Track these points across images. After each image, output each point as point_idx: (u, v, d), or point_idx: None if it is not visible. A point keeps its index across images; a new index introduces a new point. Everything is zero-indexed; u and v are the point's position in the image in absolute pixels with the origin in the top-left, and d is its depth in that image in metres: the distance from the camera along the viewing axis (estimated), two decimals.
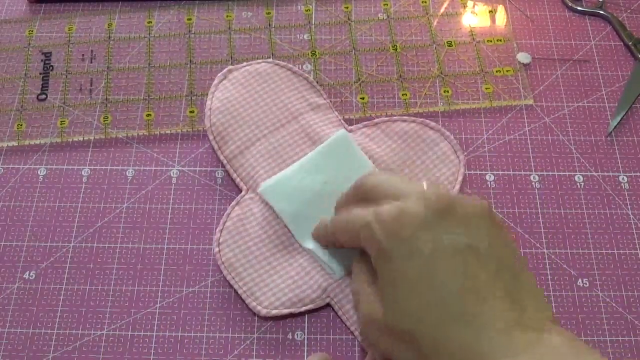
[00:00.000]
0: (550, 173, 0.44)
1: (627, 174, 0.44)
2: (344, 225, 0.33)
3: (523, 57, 0.48)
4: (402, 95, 0.47)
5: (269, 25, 0.50)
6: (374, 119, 0.45)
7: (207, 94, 0.45)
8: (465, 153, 0.44)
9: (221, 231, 0.40)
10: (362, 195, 0.33)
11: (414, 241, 0.29)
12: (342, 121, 0.44)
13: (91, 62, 0.48)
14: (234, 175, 0.42)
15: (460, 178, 0.42)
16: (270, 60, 0.45)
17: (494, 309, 0.27)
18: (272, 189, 0.40)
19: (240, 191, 0.42)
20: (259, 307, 0.37)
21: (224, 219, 0.40)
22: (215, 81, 0.44)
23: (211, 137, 0.42)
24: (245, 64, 0.45)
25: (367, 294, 0.32)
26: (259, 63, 0.45)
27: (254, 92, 0.44)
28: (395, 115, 0.45)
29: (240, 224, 0.40)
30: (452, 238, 0.28)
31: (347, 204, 0.35)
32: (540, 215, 0.42)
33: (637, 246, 0.41)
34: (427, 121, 0.43)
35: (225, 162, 0.42)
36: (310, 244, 0.39)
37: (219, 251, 0.39)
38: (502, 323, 0.27)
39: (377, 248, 0.30)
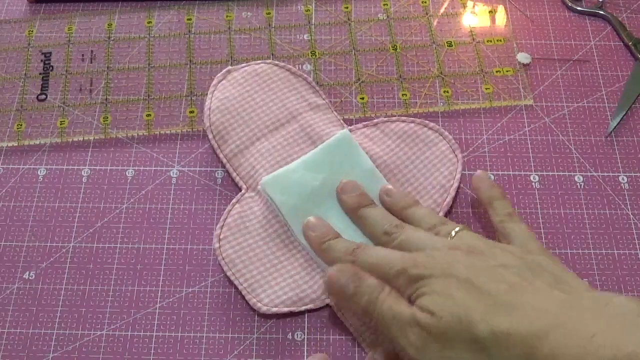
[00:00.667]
0: (550, 173, 0.44)
1: (627, 174, 0.44)
2: (381, 318, 0.33)
3: (523, 57, 0.48)
4: (402, 95, 0.47)
5: (269, 25, 0.50)
6: (374, 119, 0.45)
7: (207, 94, 0.45)
8: (465, 153, 0.44)
9: (222, 227, 0.40)
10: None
11: (447, 270, 0.31)
12: (342, 121, 0.44)
13: (91, 62, 0.48)
14: (234, 174, 0.42)
15: (458, 176, 0.42)
16: (269, 61, 0.45)
17: (544, 291, 0.29)
18: (273, 182, 0.40)
19: (240, 190, 0.42)
20: (259, 304, 0.37)
21: (225, 215, 0.40)
22: (215, 81, 0.44)
23: (210, 136, 0.42)
24: (244, 64, 0.45)
25: None
26: (257, 64, 0.45)
27: (253, 92, 0.44)
28: (395, 116, 0.45)
29: (241, 221, 0.40)
30: (484, 262, 0.32)
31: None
32: (540, 215, 0.42)
33: (637, 246, 0.41)
34: (426, 121, 0.43)
35: (225, 161, 0.42)
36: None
37: (219, 247, 0.39)
38: (555, 298, 0.29)
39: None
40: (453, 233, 0.35)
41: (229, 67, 0.45)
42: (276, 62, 0.45)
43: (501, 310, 0.29)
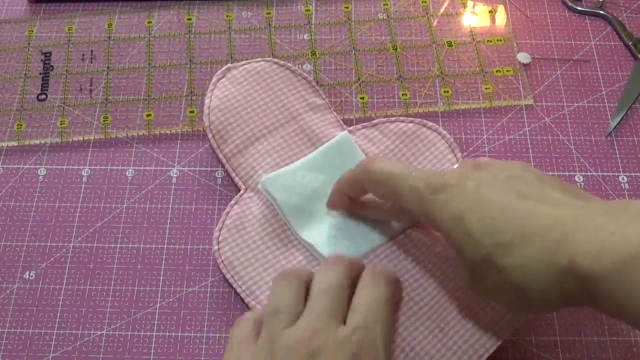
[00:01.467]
0: (550, 173, 0.44)
1: (627, 174, 0.44)
2: (382, 178, 0.34)
3: (523, 57, 0.48)
4: (402, 95, 0.47)
5: (269, 25, 0.50)
6: (374, 119, 0.45)
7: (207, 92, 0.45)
8: (465, 153, 0.44)
9: (220, 230, 0.40)
10: (369, 184, 0.35)
11: (459, 184, 0.30)
12: (341, 122, 0.44)
13: (91, 62, 0.48)
14: (233, 175, 0.42)
15: None
16: (270, 59, 0.45)
17: (556, 198, 0.29)
18: (274, 181, 0.40)
19: (239, 190, 0.42)
20: (258, 307, 0.37)
21: (223, 217, 0.40)
22: (214, 79, 0.44)
23: (210, 136, 0.42)
24: (244, 62, 0.45)
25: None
26: (257, 62, 0.45)
27: (252, 90, 0.44)
28: (395, 116, 0.45)
29: (240, 222, 0.40)
30: (492, 174, 0.31)
31: (344, 189, 0.37)
32: None
33: None
34: (425, 121, 0.43)
35: (224, 160, 0.42)
36: (309, 238, 0.39)
37: (219, 249, 0.39)
38: (569, 204, 0.28)
39: (424, 204, 0.31)
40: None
41: (229, 65, 0.44)
42: (276, 60, 0.45)
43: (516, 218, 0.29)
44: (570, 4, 0.51)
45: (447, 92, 0.47)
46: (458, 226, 0.30)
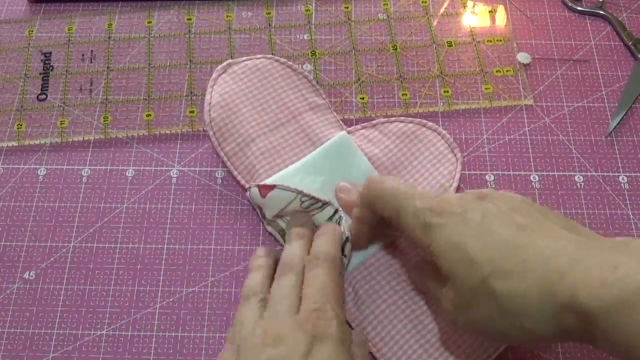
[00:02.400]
0: (550, 173, 0.44)
1: (627, 174, 0.44)
2: (389, 195, 0.34)
3: (523, 57, 0.48)
4: (402, 95, 0.47)
5: (269, 25, 0.50)
6: (374, 119, 0.45)
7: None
8: (465, 153, 0.44)
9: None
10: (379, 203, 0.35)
11: (463, 213, 0.31)
12: (341, 122, 0.44)
13: (91, 62, 0.48)
14: (235, 173, 0.42)
15: (457, 176, 0.42)
16: (270, 56, 0.45)
17: (557, 232, 0.29)
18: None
19: (242, 189, 0.42)
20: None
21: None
22: (214, 74, 0.44)
23: (211, 133, 0.42)
24: (245, 58, 0.45)
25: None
26: (258, 58, 0.45)
27: (253, 88, 0.44)
28: (395, 116, 0.45)
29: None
30: (496, 206, 0.31)
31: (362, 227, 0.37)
32: None
33: None
34: (424, 121, 0.43)
35: (225, 159, 0.42)
36: None
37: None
38: (570, 239, 0.28)
39: (423, 225, 0.32)
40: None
41: (230, 60, 0.44)
42: (277, 57, 0.45)
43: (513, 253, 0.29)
44: (570, 4, 0.51)
45: (447, 92, 0.47)
46: (456, 251, 0.30)
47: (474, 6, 0.51)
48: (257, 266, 0.36)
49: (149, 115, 0.46)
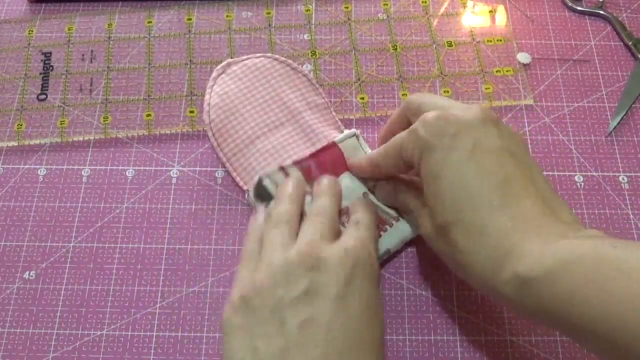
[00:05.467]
0: (550, 173, 0.44)
1: (627, 174, 0.44)
2: (389, 148, 0.35)
3: (523, 57, 0.48)
4: (402, 95, 0.47)
5: (269, 25, 0.50)
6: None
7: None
8: None
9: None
10: (409, 113, 0.36)
11: (456, 138, 0.31)
12: (339, 122, 0.44)
13: (91, 62, 0.48)
14: (234, 174, 0.42)
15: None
16: (270, 55, 0.45)
17: (530, 205, 0.30)
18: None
19: (242, 190, 0.42)
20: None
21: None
22: (214, 74, 0.44)
23: (210, 134, 0.42)
24: (244, 57, 0.45)
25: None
26: (257, 57, 0.45)
27: (252, 87, 0.44)
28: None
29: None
30: (491, 141, 0.31)
31: (393, 126, 0.38)
32: None
33: None
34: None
35: (224, 160, 0.42)
36: None
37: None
38: (538, 219, 0.30)
39: (421, 147, 0.32)
40: None
41: (229, 60, 0.44)
42: (277, 56, 0.45)
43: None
44: (570, 4, 0.51)
45: (447, 92, 0.47)
46: (433, 183, 0.32)
47: (474, 6, 0.51)
48: (289, 196, 0.37)
49: (149, 115, 0.46)
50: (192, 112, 0.46)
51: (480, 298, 0.39)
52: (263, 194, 0.39)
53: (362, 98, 0.46)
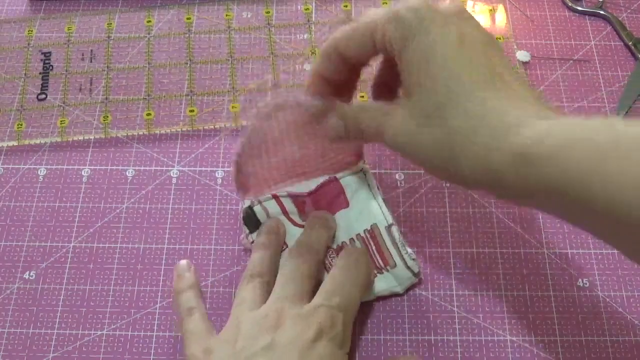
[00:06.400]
0: None
1: None
2: (358, 31, 0.33)
3: (522, 55, 0.48)
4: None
5: (269, 24, 0.50)
6: None
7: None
8: None
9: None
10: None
11: (444, 26, 0.30)
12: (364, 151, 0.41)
13: (91, 62, 0.48)
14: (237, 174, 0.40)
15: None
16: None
17: (522, 91, 0.30)
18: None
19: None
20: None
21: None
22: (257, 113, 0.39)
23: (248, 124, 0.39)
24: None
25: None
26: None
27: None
28: None
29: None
30: (474, 33, 0.31)
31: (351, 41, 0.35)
32: (540, 215, 0.42)
33: None
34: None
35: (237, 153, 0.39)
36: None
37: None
38: (533, 102, 0.30)
39: (406, 30, 0.31)
40: None
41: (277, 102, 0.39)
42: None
43: None
44: (570, 4, 0.51)
45: None
46: (426, 64, 0.30)
47: (474, 5, 0.51)
48: (263, 244, 0.37)
49: (149, 114, 0.46)
50: (192, 111, 0.46)
51: (480, 298, 0.39)
52: (252, 220, 0.39)
53: (363, 97, 0.46)
